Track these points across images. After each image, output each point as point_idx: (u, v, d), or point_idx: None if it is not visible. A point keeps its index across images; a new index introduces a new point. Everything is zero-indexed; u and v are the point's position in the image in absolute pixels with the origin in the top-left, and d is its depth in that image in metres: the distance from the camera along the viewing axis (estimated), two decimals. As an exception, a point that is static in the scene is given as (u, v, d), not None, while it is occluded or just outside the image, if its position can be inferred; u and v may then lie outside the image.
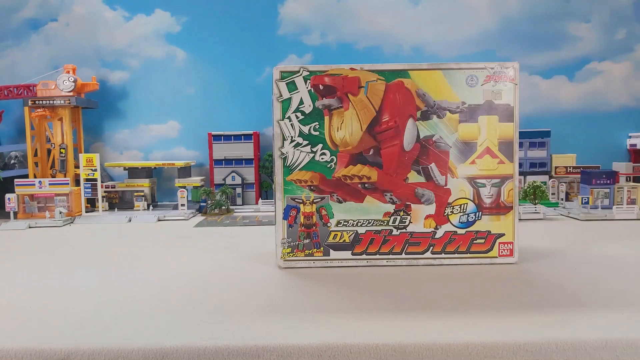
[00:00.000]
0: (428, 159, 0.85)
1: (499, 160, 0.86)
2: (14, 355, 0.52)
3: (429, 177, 0.86)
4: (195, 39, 1.79)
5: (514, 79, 0.86)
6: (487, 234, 0.87)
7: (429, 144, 0.85)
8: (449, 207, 0.86)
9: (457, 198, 0.86)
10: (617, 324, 0.57)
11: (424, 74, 0.85)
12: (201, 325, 0.59)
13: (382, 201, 0.86)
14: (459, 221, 0.86)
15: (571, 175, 1.69)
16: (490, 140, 0.86)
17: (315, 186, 0.85)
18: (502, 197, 0.86)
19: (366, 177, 0.84)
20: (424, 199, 0.86)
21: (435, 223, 0.86)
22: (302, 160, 0.85)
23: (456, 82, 0.85)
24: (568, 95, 1.80)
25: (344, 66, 0.84)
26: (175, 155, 1.82)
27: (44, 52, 1.79)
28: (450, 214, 0.86)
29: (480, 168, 0.86)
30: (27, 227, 1.34)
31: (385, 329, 0.57)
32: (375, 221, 0.86)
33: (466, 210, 0.86)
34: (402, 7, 1.78)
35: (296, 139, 0.84)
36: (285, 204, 0.85)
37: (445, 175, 0.86)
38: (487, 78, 0.85)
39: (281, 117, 0.84)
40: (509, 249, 0.87)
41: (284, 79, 0.84)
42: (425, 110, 0.85)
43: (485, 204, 0.87)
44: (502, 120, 0.86)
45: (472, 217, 0.87)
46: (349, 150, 0.84)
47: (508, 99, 0.86)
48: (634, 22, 1.76)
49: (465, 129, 0.85)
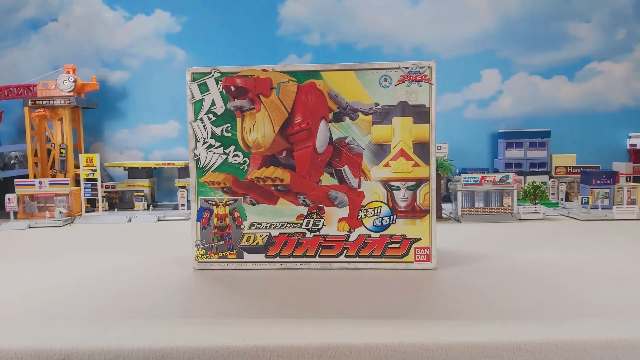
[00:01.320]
0: (341, 161, 0.84)
1: (414, 162, 0.83)
2: (14, 355, 0.52)
3: (342, 179, 0.84)
4: (195, 39, 1.79)
5: (430, 79, 0.82)
6: (403, 238, 0.84)
7: (342, 146, 0.84)
8: (362, 210, 0.84)
9: (370, 201, 0.84)
10: (616, 325, 0.57)
11: (336, 75, 0.83)
12: (201, 325, 0.59)
13: (296, 204, 0.85)
14: (372, 225, 0.84)
15: (571, 175, 1.69)
16: (404, 142, 0.83)
17: (228, 188, 0.84)
18: (417, 200, 0.84)
19: (279, 179, 0.83)
20: (337, 202, 0.84)
21: (349, 226, 0.85)
22: (215, 162, 0.84)
23: (369, 83, 0.83)
24: (568, 95, 1.79)
25: (255, 67, 0.83)
26: (175, 155, 1.82)
27: (44, 52, 1.79)
28: (364, 217, 0.84)
29: (395, 171, 0.83)
30: (27, 227, 1.34)
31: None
32: (288, 224, 0.85)
33: (380, 214, 0.84)
34: (402, 7, 1.78)
35: (209, 141, 0.84)
36: (198, 205, 0.85)
37: (358, 177, 0.84)
38: (401, 78, 0.82)
39: (194, 118, 0.85)
40: (426, 254, 0.84)
41: (195, 81, 0.84)
42: (338, 112, 0.83)
43: (400, 207, 0.84)
44: (418, 122, 0.83)
45: (386, 220, 0.84)
46: (262, 152, 0.83)
47: (423, 99, 0.83)
48: (634, 22, 1.76)
49: (378, 131, 0.83)
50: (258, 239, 0.85)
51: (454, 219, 1.36)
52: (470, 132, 1.81)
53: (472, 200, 1.35)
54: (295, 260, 0.85)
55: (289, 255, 0.85)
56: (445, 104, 1.81)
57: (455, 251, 0.97)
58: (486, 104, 1.81)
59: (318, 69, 0.83)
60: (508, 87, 1.80)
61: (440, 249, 0.98)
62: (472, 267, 0.84)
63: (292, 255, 0.85)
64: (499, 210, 1.34)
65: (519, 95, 1.80)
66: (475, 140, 1.81)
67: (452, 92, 1.81)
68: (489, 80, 1.80)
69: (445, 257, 0.92)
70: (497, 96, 1.80)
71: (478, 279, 0.77)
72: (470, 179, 1.34)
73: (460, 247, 1.01)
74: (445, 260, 0.89)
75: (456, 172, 1.69)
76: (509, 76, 1.80)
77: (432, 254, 0.84)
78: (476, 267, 0.84)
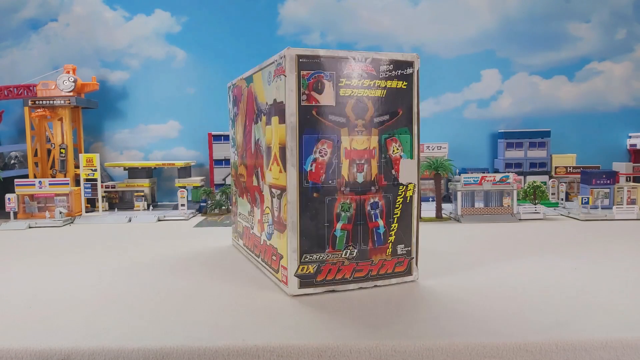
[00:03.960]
0: (258, 162, 0.81)
1: (280, 169, 0.69)
2: (14, 355, 0.52)
3: (258, 181, 0.81)
4: (195, 39, 1.79)
5: (284, 70, 0.66)
6: (275, 251, 0.73)
7: (257, 147, 0.81)
8: (264, 214, 0.78)
9: (266, 206, 0.77)
10: (618, 324, 0.57)
11: (257, 76, 0.79)
12: (201, 326, 0.59)
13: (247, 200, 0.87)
14: (266, 231, 0.77)
15: (571, 175, 1.69)
16: (275, 145, 0.71)
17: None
18: (281, 212, 0.70)
19: (242, 175, 0.88)
20: (257, 203, 0.83)
21: (260, 229, 0.81)
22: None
23: (264, 82, 0.75)
24: (568, 95, 1.80)
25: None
26: (175, 155, 1.82)
27: (44, 52, 1.79)
28: (265, 222, 0.78)
29: (273, 176, 0.73)
30: (27, 227, 1.34)
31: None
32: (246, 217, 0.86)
33: (269, 221, 0.76)
34: (402, 7, 1.78)
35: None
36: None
37: (263, 180, 0.78)
38: (274, 73, 0.70)
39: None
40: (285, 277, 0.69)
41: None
42: (257, 114, 0.80)
43: (274, 217, 0.73)
44: (281, 122, 0.68)
45: (270, 228, 0.75)
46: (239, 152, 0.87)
47: (281, 96, 0.68)
48: (634, 22, 1.76)
49: (267, 132, 0.75)
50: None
51: (454, 219, 1.36)
52: (470, 132, 1.81)
53: (472, 200, 1.35)
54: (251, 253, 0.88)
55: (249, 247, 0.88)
56: (445, 104, 1.81)
57: (455, 251, 0.97)
58: (486, 104, 1.81)
59: (252, 72, 0.82)
60: (508, 87, 1.80)
61: (440, 249, 0.98)
62: (472, 267, 0.84)
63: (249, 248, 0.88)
64: (499, 210, 1.34)
65: (519, 95, 1.80)
66: (475, 140, 1.81)
67: (452, 92, 1.81)
68: (489, 80, 1.80)
69: (446, 256, 0.92)
70: (497, 96, 1.80)
71: (478, 279, 0.77)
72: (470, 179, 1.34)
73: (460, 247, 1.01)
74: (446, 260, 0.89)
75: (456, 172, 1.69)
76: (509, 76, 1.80)
77: (289, 278, 0.68)
78: (476, 267, 0.84)
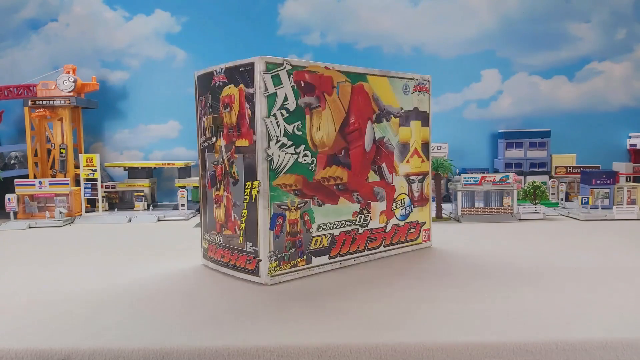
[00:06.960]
0: (381, 159, 0.90)
1: (422, 159, 0.98)
2: (14, 355, 0.52)
3: (381, 176, 0.91)
4: (195, 39, 1.79)
5: (429, 90, 0.99)
6: (416, 223, 0.98)
7: (381, 145, 0.90)
8: (394, 202, 0.93)
9: (399, 194, 0.94)
10: (617, 324, 0.57)
11: (376, 79, 0.89)
12: (202, 326, 0.59)
13: (351, 201, 0.86)
14: (400, 214, 0.95)
15: (571, 175, 1.69)
16: (417, 142, 0.97)
17: (299, 190, 0.79)
18: (423, 190, 0.99)
19: (339, 178, 0.84)
20: (379, 197, 0.91)
21: (386, 218, 0.92)
22: (287, 163, 0.77)
23: (397, 89, 0.93)
24: (568, 95, 1.80)
25: (319, 64, 0.81)
26: (175, 155, 1.82)
27: (44, 52, 1.79)
28: (395, 209, 0.94)
29: (412, 166, 0.97)
30: (27, 227, 1.34)
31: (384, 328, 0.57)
32: (346, 221, 0.86)
33: (404, 204, 0.95)
34: (402, 7, 1.78)
35: (281, 139, 0.76)
36: (271, 212, 0.76)
37: (392, 173, 0.93)
38: (415, 88, 0.96)
39: (267, 114, 0.74)
40: (428, 234, 1.00)
41: (269, 71, 0.74)
42: (379, 114, 0.89)
43: (415, 197, 0.97)
44: (424, 125, 0.98)
45: (408, 209, 0.96)
46: (326, 151, 0.82)
47: (426, 107, 0.98)
48: (634, 22, 1.76)
49: (403, 132, 0.94)
50: (323, 241, 0.83)
51: (454, 219, 1.36)
52: (470, 132, 1.81)
53: (472, 200, 1.35)
54: (350, 256, 0.87)
55: (346, 252, 0.86)
56: (445, 104, 1.81)
57: (455, 251, 0.97)
58: (486, 104, 1.81)
59: (364, 72, 0.87)
60: (508, 87, 1.80)
61: (440, 249, 0.99)
62: (472, 268, 0.84)
63: (349, 252, 0.87)
64: (499, 210, 1.34)
65: (519, 95, 1.80)
66: (475, 140, 1.81)
67: (452, 92, 1.81)
68: (489, 80, 1.80)
69: (445, 257, 0.92)
70: (497, 96, 1.80)
71: (478, 279, 0.77)
72: (470, 179, 1.34)
73: (460, 247, 1.01)
74: (445, 260, 0.89)
75: (456, 172, 1.69)
76: (509, 76, 1.80)
77: (431, 234, 1.01)
78: (476, 267, 0.84)
